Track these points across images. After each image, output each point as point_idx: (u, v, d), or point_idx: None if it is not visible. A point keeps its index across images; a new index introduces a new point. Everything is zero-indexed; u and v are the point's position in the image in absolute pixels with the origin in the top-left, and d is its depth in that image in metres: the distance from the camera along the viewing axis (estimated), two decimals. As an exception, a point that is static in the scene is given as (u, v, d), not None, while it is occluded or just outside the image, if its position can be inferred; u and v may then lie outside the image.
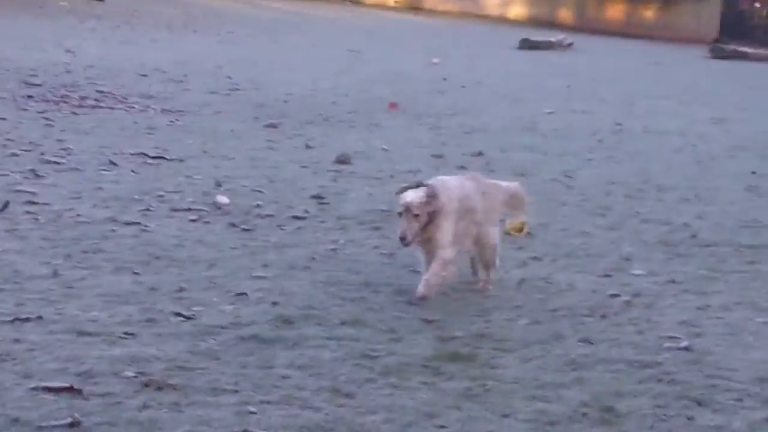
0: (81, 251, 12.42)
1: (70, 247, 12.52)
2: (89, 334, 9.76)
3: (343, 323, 10.48)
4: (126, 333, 9.81)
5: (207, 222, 14.21)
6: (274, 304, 10.85)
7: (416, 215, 11.10)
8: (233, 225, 14.17)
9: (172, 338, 9.74)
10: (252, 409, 8.30)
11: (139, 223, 13.81)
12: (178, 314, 10.42)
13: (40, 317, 10.07)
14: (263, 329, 10.08)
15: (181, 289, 11.23)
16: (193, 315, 10.43)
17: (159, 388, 8.55)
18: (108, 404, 8.18)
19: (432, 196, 11.25)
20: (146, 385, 8.60)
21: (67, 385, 8.44)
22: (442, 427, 8.23)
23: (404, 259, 12.96)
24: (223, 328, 10.09)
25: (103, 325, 10.00)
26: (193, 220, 14.18)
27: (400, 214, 11.23)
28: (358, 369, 9.32)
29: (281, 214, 14.89)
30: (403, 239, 11.18)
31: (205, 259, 12.45)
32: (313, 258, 12.81)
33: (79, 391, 8.37)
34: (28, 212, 13.92)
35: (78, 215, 13.97)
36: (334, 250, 13.27)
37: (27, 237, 12.81)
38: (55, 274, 11.47)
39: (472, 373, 9.41)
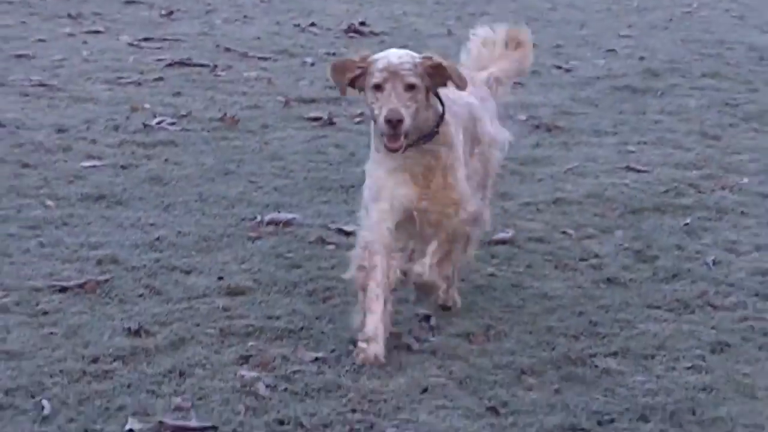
0: (468, 14, 12.29)
1: (460, 10, 12.41)
2: (484, 83, 9.63)
3: (703, 75, 10.03)
4: (516, 83, 9.57)
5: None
6: (641, 58, 10.47)
7: (411, 85, 4.95)
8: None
9: (556, 88, 9.53)
10: (631, 148, 8.03)
11: (517, -12, 13.54)
12: (559, 67, 10.18)
13: (441, 70, 9.99)
14: (634, 80, 9.74)
15: (558, 46, 10.96)
16: (571, 68, 10.17)
17: (548, 130, 8.36)
18: (505, 143, 8.06)
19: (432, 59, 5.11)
20: (537, 126, 8.43)
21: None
22: (804, 167, 7.82)
23: (755, 20, 12.33)
24: (598, 78, 9.80)
25: (495, 76, 9.85)
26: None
27: (378, 86, 4.97)
28: (721, 115, 8.90)
29: (638, -18, 14.35)
30: (396, 122, 4.90)
31: (576, 20, 12.15)
32: (671, 19, 12.32)
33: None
34: (420, -23, 13.82)
35: (465, -19, 13.80)
36: (688, 12, 12.75)
37: (422, 1, 12.72)
38: (449, 33, 11.36)
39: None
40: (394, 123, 4.92)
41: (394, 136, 4.95)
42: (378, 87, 5.00)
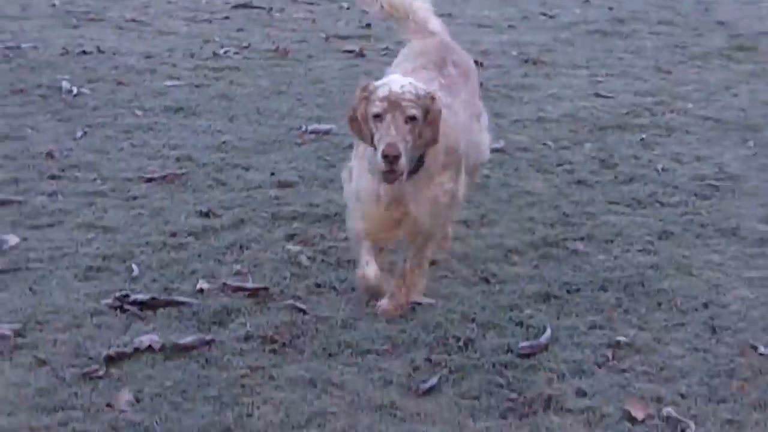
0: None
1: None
2: (485, 26, 9.48)
3: (659, 23, 9.82)
4: (509, 26, 9.48)
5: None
6: (610, 8, 10.26)
7: (411, 117, 3.95)
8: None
9: (541, 30, 9.35)
10: (599, 79, 7.90)
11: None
12: (544, 14, 9.99)
13: (449, 14, 9.79)
14: (604, 25, 9.55)
15: (545, -4, 10.80)
16: (554, 15, 9.98)
17: (534, 63, 8.23)
18: (500, 73, 7.92)
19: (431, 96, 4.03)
20: (525, 61, 8.29)
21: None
22: (735, 95, 7.66)
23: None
24: (575, 24, 9.62)
25: (493, 20, 9.70)
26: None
27: (377, 116, 3.95)
28: (672, 54, 8.73)
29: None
30: (393, 158, 3.87)
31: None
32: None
33: (481, 64, 8.13)
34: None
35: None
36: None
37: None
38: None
39: (756, 59, 8.69)
40: (391, 158, 3.85)
41: (391, 171, 3.88)
42: (378, 116, 3.93)
